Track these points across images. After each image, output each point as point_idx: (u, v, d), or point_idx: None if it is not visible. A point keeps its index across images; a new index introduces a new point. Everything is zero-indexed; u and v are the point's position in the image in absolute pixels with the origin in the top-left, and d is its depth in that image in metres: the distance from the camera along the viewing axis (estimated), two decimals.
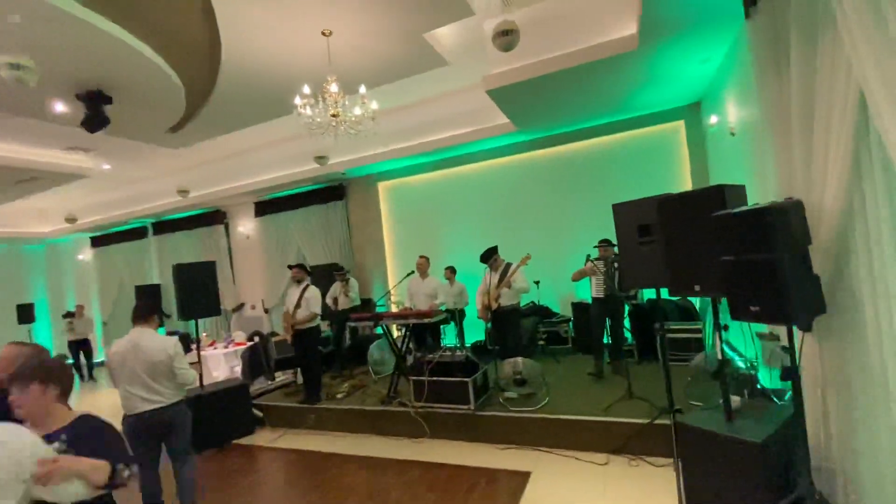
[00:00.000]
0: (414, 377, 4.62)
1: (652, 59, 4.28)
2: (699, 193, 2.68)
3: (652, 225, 3.14)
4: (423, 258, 5.79)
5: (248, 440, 5.08)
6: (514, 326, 4.95)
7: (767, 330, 3.89)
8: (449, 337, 6.55)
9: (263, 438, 5.06)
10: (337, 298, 6.67)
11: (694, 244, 2.72)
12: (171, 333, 6.13)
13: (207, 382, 5.58)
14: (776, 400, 3.20)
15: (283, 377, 6.56)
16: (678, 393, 3.97)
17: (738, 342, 5.24)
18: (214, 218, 9.82)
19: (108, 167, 8.17)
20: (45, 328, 12.41)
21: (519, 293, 4.94)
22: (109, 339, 11.22)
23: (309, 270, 5.53)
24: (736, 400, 2.85)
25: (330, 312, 6.79)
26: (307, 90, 3.82)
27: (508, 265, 4.95)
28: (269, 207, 9.11)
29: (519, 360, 4.40)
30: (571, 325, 6.37)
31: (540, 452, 3.93)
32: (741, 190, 2.71)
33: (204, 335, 8.24)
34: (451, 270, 6.61)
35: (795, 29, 2.24)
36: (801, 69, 2.21)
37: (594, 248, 5.18)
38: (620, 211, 3.31)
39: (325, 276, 7.19)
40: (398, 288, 6.10)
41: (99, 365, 10.48)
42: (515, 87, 4.55)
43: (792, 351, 2.23)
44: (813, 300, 2.14)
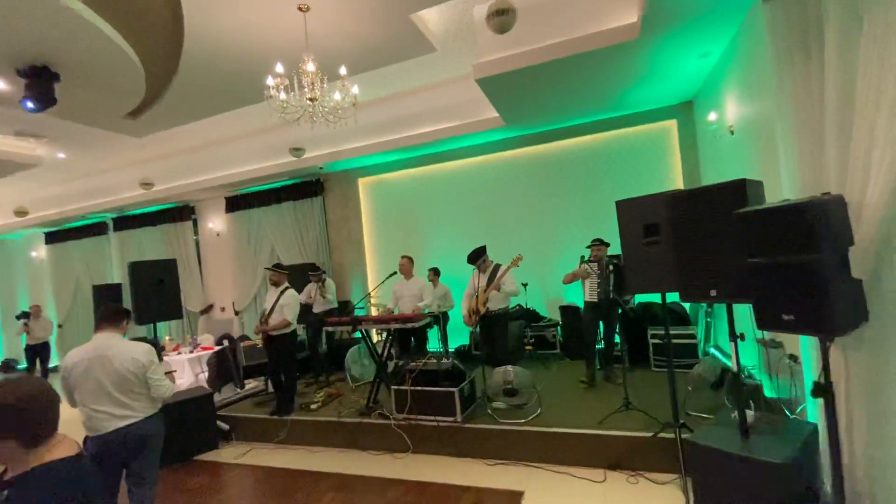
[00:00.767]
0: (396, 386, 4.27)
1: (651, 51, 4.07)
2: (716, 189, 2.44)
3: (659, 223, 2.90)
4: (405, 258, 5.45)
5: (211, 455, 4.62)
6: (502, 332, 4.66)
7: (767, 336, 3.72)
8: (431, 341, 6.23)
9: (229, 454, 4.62)
10: (312, 300, 6.25)
11: (709, 244, 2.48)
12: (137, 340, 5.56)
13: None
14: (788, 413, 3.00)
15: (253, 385, 6.10)
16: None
17: (728, 346, 5.10)
18: (181, 213, 9.23)
19: (62, 156, 7.54)
20: None
21: (509, 296, 4.66)
22: (65, 342, 10.44)
23: (288, 272, 5.12)
24: (750, 415, 2.62)
25: (305, 315, 6.37)
26: (280, 69, 3.43)
27: (497, 266, 4.66)
28: (240, 203, 8.59)
29: (510, 368, 4.11)
30: (560, 329, 6.13)
31: (532, 468, 3.65)
32: (760, 186, 2.48)
33: (168, 339, 7.68)
34: (434, 272, 6.30)
35: (834, 13, 2.01)
36: (838, 56, 1.99)
37: (587, 248, 4.95)
38: (624, 208, 3.06)
39: (300, 276, 6.75)
40: (382, 290, 5.73)
41: (54, 371, 9.70)
42: (507, 76, 4.27)
43: (826, 365, 2.00)
44: (855, 308, 1.91)
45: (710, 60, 4.47)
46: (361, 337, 5.04)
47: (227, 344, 6.66)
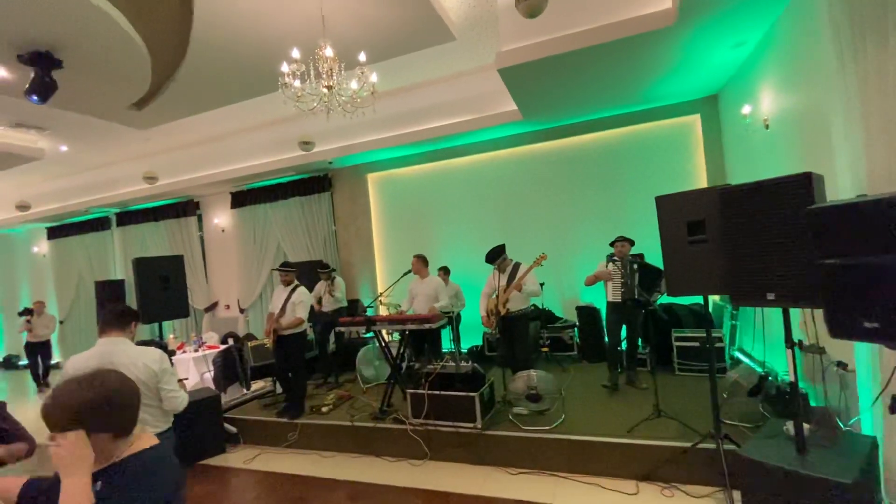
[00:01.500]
0: (412, 390, 4.09)
1: (684, 40, 3.86)
2: (775, 184, 2.24)
3: (705, 221, 2.70)
4: (417, 258, 5.20)
5: (218, 460, 4.45)
6: (523, 334, 4.46)
7: (806, 339, 3.52)
8: (443, 342, 6.05)
9: (236, 458, 4.45)
10: (321, 299, 6.07)
11: (766, 244, 2.29)
12: (143, 343, 5.38)
13: None
14: (841, 424, 2.80)
15: (260, 385, 5.92)
16: (705, 409, 3.56)
17: (752, 345, 4.90)
18: (186, 209, 9.03)
19: (65, 149, 7.35)
20: None
21: (529, 297, 4.46)
22: (66, 339, 10.28)
23: (296, 270, 4.94)
24: (805, 427, 2.43)
25: (314, 314, 6.19)
26: (297, 54, 3.23)
27: (517, 266, 4.47)
28: (246, 198, 8.39)
29: (533, 373, 3.92)
30: (577, 331, 5.93)
31: (558, 479, 3.46)
32: (821, 181, 2.28)
33: (172, 337, 7.50)
34: (444, 271, 6.11)
35: None
36: None
37: (610, 245, 4.76)
38: (665, 205, 2.86)
39: (308, 274, 6.56)
40: (393, 289, 5.53)
41: (55, 367, 9.53)
42: (531, 66, 4.06)
43: None
44: None
45: (743, 50, 4.26)
46: (375, 337, 4.85)
47: (231, 343, 6.49)
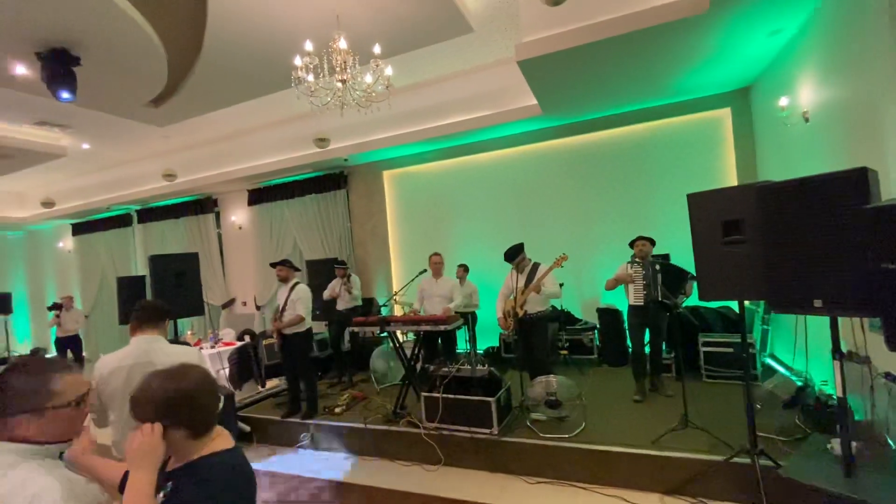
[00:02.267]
0: (426, 393, 3.97)
1: (718, 28, 3.64)
2: (826, 180, 2.04)
3: (742, 220, 2.51)
4: (437, 256, 5.12)
5: None
6: (541, 337, 4.30)
7: (846, 347, 3.28)
8: (459, 343, 5.93)
9: (250, 458, 4.37)
10: (336, 296, 5.99)
11: (813, 246, 2.09)
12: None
13: None
14: (891, 442, 2.58)
15: (275, 384, 5.90)
16: (736, 420, 3.37)
17: (788, 352, 4.64)
18: (204, 206, 9.10)
19: (87, 147, 7.45)
20: (23, 320, 11.67)
21: (548, 299, 4.30)
22: (90, 334, 10.49)
23: (296, 267, 4.87)
24: (853, 446, 2.23)
25: (329, 312, 6.13)
26: (309, 46, 3.14)
27: (536, 266, 4.31)
28: (263, 196, 8.40)
29: (552, 378, 3.76)
30: (597, 333, 5.74)
31: (578, 489, 3.30)
32: (876, 177, 2.08)
33: (189, 333, 7.56)
34: (463, 268, 5.97)
35: None
36: None
37: (629, 246, 4.56)
38: (698, 203, 2.67)
39: (323, 271, 6.51)
40: (410, 288, 5.43)
41: (87, 361, 9.69)
42: (553, 57, 3.89)
43: None
44: None
45: (780, 39, 4.00)
46: (389, 338, 4.76)
47: (248, 339, 6.48)
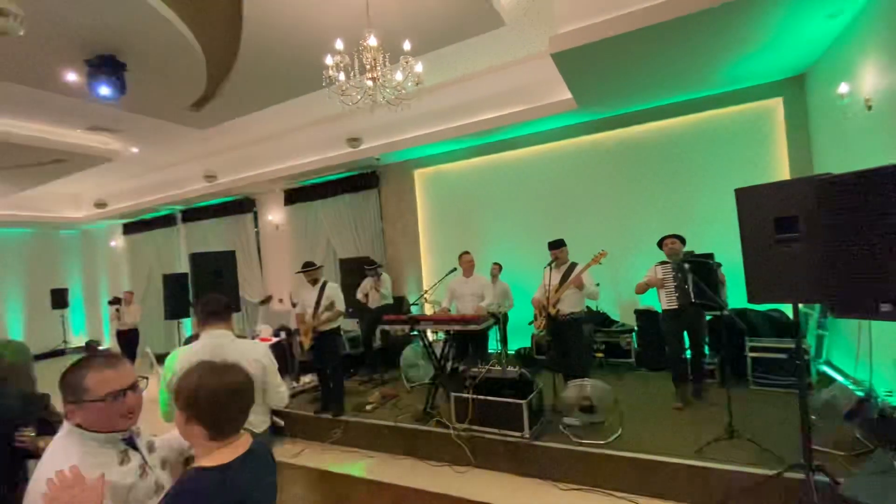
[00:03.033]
0: (456, 393, 3.92)
1: (772, 10, 3.38)
2: (894, 172, 1.85)
3: (797, 217, 2.31)
4: (467, 255, 5.06)
5: None
6: (576, 339, 4.15)
7: None
8: (489, 343, 5.84)
9: (283, 452, 4.49)
10: (368, 295, 6.04)
11: (882, 245, 1.90)
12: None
13: None
14: None
15: (308, 380, 6.00)
16: (787, 431, 3.15)
17: (844, 359, 4.30)
18: (243, 206, 9.42)
19: (136, 150, 7.83)
20: (79, 314, 12.46)
21: (585, 298, 4.15)
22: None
23: (320, 266, 4.94)
24: None
25: (360, 310, 6.19)
26: (340, 45, 3.15)
27: (573, 265, 4.17)
28: (298, 196, 8.59)
29: (587, 383, 3.63)
30: (635, 336, 5.52)
31: (615, 499, 3.17)
32: None
33: None
34: (498, 267, 5.89)
35: None
36: None
37: (657, 246, 4.36)
38: (747, 198, 2.49)
39: (354, 270, 6.58)
40: (438, 287, 5.40)
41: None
42: (589, 49, 3.74)
43: None
44: None
45: (839, 21, 3.70)
46: (419, 337, 4.74)
47: (283, 336, 6.64)
